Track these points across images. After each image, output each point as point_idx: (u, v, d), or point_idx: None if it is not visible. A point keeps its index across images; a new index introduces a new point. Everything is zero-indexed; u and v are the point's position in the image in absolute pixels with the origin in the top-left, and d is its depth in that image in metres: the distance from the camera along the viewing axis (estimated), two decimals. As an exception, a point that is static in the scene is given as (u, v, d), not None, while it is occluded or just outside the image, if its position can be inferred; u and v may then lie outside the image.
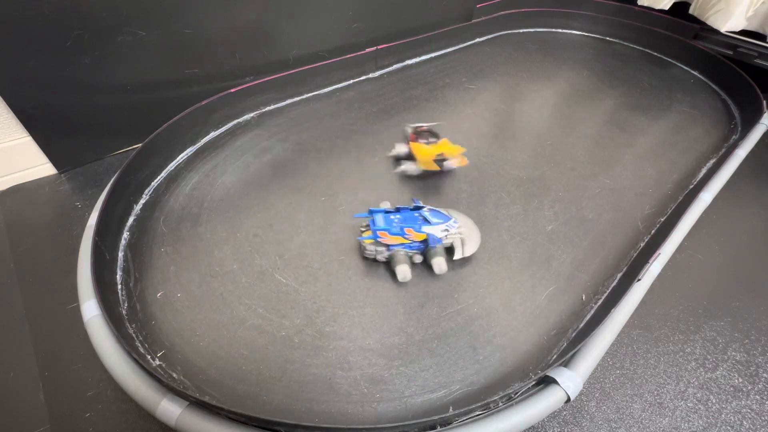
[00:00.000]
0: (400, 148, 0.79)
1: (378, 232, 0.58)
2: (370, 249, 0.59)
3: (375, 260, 0.61)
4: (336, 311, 0.56)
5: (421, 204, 0.64)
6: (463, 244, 0.61)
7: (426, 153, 0.72)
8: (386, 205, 0.66)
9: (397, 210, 0.62)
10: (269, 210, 0.70)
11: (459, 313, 0.57)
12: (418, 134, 0.77)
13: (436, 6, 1.16)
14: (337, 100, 0.97)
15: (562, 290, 0.61)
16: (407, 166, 0.76)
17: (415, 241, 0.59)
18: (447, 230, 0.60)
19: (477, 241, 0.62)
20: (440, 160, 0.73)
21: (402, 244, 0.59)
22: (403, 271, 0.58)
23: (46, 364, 0.52)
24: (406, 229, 0.58)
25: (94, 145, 0.80)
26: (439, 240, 0.60)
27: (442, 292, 0.59)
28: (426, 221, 0.60)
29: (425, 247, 0.60)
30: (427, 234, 0.59)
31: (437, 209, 0.63)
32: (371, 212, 0.61)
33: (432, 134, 0.77)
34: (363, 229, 0.61)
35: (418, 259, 0.61)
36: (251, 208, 0.70)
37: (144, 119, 0.81)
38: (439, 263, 0.59)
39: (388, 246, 0.59)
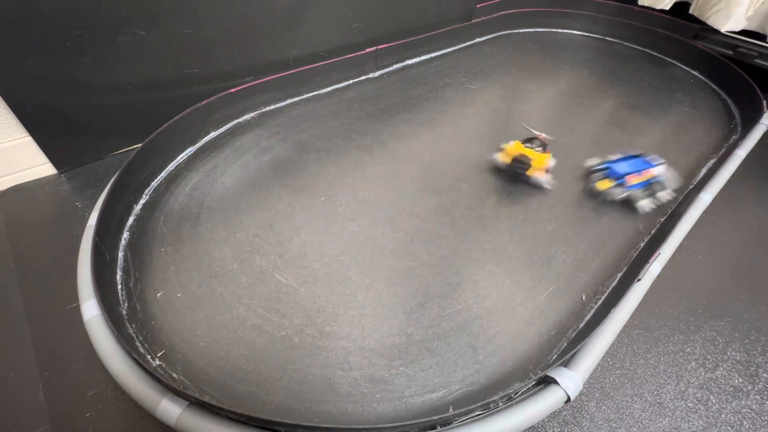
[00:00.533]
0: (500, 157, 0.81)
1: (626, 177, 0.72)
2: (613, 191, 0.73)
3: (612, 201, 0.74)
4: (336, 311, 0.56)
5: (632, 153, 0.78)
6: (673, 176, 0.76)
7: (510, 149, 0.79)
8: (596, 160, 0.79)
9: (622, 159, 0.77)
10: (269, 210, 0.70)
11: (459, 313, 0.57)
12: (530, 140, 0.82)
13: (436, 6, 1.16)
14: (337, 100, 0.97)
15: (562, 290, 0.61)
16: (495, 156, 0.81)
17: (648, 180, 0.74)
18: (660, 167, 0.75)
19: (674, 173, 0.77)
20: (520, 164, 0.76)
21: (638, 183, 0.73)
22: (646, 203, 0.73)
23: (46, 364, 0.52)
24: (643, 171, 0.73)
25: (94, 145, 0.80)
26: (660, 177, 0.74)
27: (442, 292, 0.59)
28: (650, 163, 0.74)
29: (647, 185, 0.74)
30: (656, 173, 0.74)
31: (644, 154, 0.78)
32: (609, 163, 0.76)
33: (541, 143, 0.81)
34: (597, 179, 0.75)
35: (647, 193, 0.73)
36: (251, 208, 0.70)
37: (144, 119, 0.81)
38: (667, 194, 0.74)
39: (624, 187, 0.72)
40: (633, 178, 0.72)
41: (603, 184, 0.73)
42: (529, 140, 0.81)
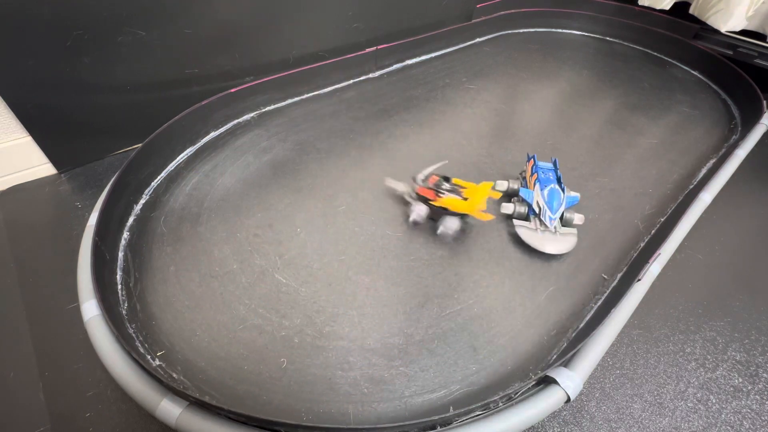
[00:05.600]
0: (419, 211, 0.67)
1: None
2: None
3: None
4: (336, 311, 0.56)
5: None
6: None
7: (469, 200, 0.64)
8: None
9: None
10: (269, 210, 0.70)
11: (459, 313, 0.57)
12: (434, 186, 0.67)
13: (436, 6, 1.16)
14: (337, 100, 0.97)
15: (562, 290, 0.61)
16: (417, 214, 0.67)
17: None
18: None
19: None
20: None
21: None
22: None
23: (46, 364, 0.52)
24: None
25: (94, 145, 0.80)
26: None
27: (442, 292, 0.59)
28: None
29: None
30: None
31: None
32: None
33: (444, 179, 0.68)
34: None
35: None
36: (251, 208, 0.70)
37: (144, 119, 0.81)
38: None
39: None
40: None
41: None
42: (435, 186, 0.67)
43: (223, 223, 0.67)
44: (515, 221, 0.68)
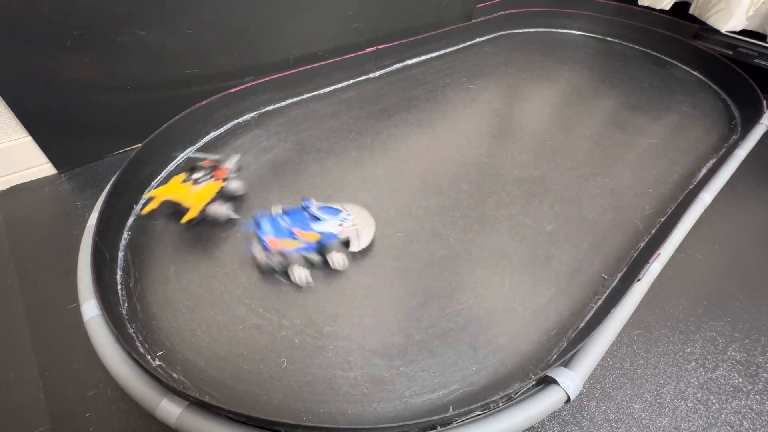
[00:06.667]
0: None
1: (266, 237, 0.55)
2: (262, 258, 0.57)
3: (274, 271, 0.58)
4: (336, 311, 0.56)
5: (310, 202, 0.62)
6: (358, 236, 0.61)
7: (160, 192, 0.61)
8: (277, 210, 0.62)
9: (285, 213, 0.61)
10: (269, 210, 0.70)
11: (459, 313, 0.57)
12: (193, 170, 0.63)
13: (436, 6, 1.16)
14: (337, 100, 0.97)
15: (562, 290, 0.61)
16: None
17: (309, 242, 0.57)
18: (341, 224, 0.60)
19: (372, 230, 0.63)
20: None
21: (296, 247, 0.57)
22: (299, 274, 0.57)
23: (46, 364, 0.52)
24: (295, 230, 0.57)
25: (94, 145, 0.80)
26: (334, 236, 0.59)
27: (442, 292, 0.59)
28: (316, 219, 0.60)
29: (320, 246, 0.59)
30: (320, 232, 0.58)
31: (328, 205, 0.63)
32: (256, 219, 0.59)
33: (208, 170, 0.63)
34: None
35: (316, 258, 0.59)
36: (251, 208, 0.70)
37: (144, 119, 0.81)
38: (337, 259, 0.59)
39: (281, 253, 0.56)
40: (278, 242, 0.56)
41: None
42: (193, 169, 0.64)
43: (224, 223, 0.67)
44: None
